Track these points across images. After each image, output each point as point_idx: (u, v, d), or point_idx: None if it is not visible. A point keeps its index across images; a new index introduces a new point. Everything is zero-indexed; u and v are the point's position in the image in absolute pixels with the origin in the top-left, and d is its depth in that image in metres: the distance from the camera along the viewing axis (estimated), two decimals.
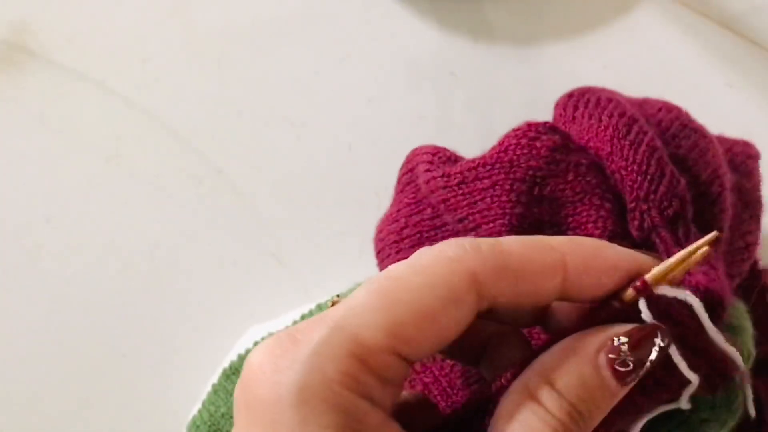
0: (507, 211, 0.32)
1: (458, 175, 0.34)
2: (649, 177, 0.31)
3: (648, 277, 0.24)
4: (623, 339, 0.23)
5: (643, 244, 0.31)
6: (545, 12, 0.49)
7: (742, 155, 0.36)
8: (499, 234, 0.32)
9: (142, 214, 0.47)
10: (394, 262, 0.34)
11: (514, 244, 0.23)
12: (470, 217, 0.33)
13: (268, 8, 0.50)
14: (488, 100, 0.48)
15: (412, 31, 0.49)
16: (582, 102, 0.34)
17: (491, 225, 0.32)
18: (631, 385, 0.23)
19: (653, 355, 0.23)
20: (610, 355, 0.23)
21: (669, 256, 0.28)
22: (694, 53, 0.48)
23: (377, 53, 0.49)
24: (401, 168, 0.39)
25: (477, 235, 0.33)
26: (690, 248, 0.24)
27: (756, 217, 0.36)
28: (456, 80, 0.48)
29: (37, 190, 0.47)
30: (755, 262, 0.39)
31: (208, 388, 0.39)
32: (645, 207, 0.31)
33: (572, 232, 0.32)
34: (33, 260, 0.46)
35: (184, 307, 0.45)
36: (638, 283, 0.24)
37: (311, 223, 0.46)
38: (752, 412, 0.28)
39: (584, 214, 0.32)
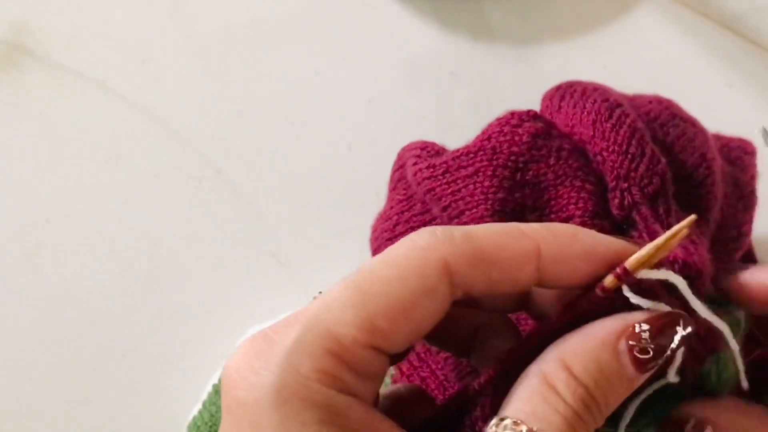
0: (489, 196, 0.32)
1: (443, 165, 0.34)
2: (629, 156, 0.31)
3: (627, 263, 0.24)
4: (645, 326, 0.23)
5: (624, 222, 0.31)
6: (545, 12, 0.49)
7: (738, 150, 0.37)
8: (482, 219, 0.32)
9: (141, 214, 0.47)
10: None
11: (487, 231, 0.23)
12: (453, 205, 0.33)
13: (268, 8, 0.50)
14: (488, 100, 0.48)
15: (412, 31, 0.49)
16: (568, 93, 0.34)
17: (474, 211, 0.32)
18: (650, 373, 0.23)
19: (675, 343, 0.23)
20: (630, 342, 0.23)
21: (649, 232, 0.29)
22: (694, 53, 0.48)
23: (377, 53, 0.49)
24: (393, 166, 0.39)
25: (460, 223, 0.33)
26: (669, 233, 0.24)
27: (750, 209, 0.36)
28: (456, 80, 0.48)
29: (37, 190, 0.47)
30: (755, 260, 0.40)
31: (209, 389, 0.39)
32: (625, 185, 0.31)
33: (554, 215, 0.32)
34: (33, 260, 0.46)
35: (184, 307, 0.45)
36: (618, 270, 0.24)
37: (311, 223, 0.46)
38: (744, 384, 0.28)
39: (565, 196, 0.32)
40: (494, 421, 0.22)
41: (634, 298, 0.24)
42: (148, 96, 0.49)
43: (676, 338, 0.23)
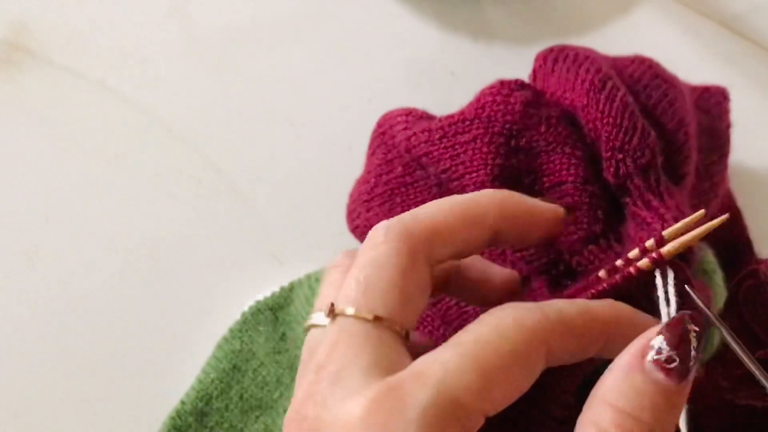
0: (488, 162, 0.35)
1: (439, 131, 0.37)
2: (623, 129, 0.34)
3: (664, 250, 0.26)
4: (660, 339, 0.24)
5: (618, 188, 0.34)
6: (545, 12, 0.49)
7: (714, 99, 0.39)
8: (483, 184, 0.35)
9: (141, 214, 0.47)
10: (364, 221, 0.38)
11: (573, 312, 0.25)
12: (453, 168, 0.36)
13: (268, 8, 0.50)
14: None
15: (412, 31, 0.49)
16: (561, 56, 0.37)
17: (474, 175, 0.35)
18: (691, 378, 0.24)
19: (694, 342, 0.24)
20: (654, 357, 0.24)
21: (644, 201, 0.33)
22: (694, 53, 0.48)
23: (377, 53, 0.49)
24: (373, 132, 0.41)
25: (460, 185, 0.36)
26: (701, 229, 0.26)
27: (724, 158, 0.39)
28: (456, 80, 0.48)
29: (37, 190, 0.47)
30: (753, 255, 0.40)
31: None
32: (620, 156, 0.33)
33: (546, 178, 0.35)
34: (32, 260, 0.46)
35: (184, 307, 0.45)
36: (655, 255, 0.26)
37: (311, 223, 0.46)
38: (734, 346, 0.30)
39: (557, 162, 0.35)
40: None
41: (660, 282, 0.27)
42: (147, 96, 0.49)
43: (693, 337, 0.24)
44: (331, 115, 0.48)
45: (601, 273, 0.30)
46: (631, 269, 0.27)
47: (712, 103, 0.39)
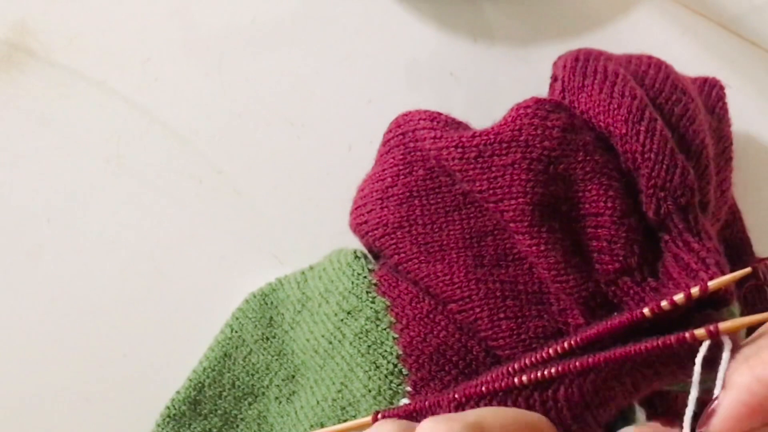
0: (528, 189, 0.35)
1: (473, 149, 0.36)
2: (665, 167, 0.33)
3: (723, 327, 0.28)
4: None
5: (657, 225, 0.34)
6: (545, 12, 0.49)
7: (715, 97, 0.39)
8: (523, 213, 0.35)
9: (142, 213, 0.47)
10: (375, 218, 0.39)
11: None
12: (491, 191, 0.36)
13: (268, 8, 0.50)
14: (488, 100, 0.48)
15: (412, 32, 0.49)
16: (590, 71, 0.36)
17: (513, 202, 0.35)
18: None
19: None
20: None
21: (683, 241, 0.33)
22: (694, 53, 0.48)
23: (377, 53, 0.49)
24: (388, 131, 0.41)
25: (498, 209, 0.35)
26: (762, 316, 0.28)
27: (729, 160, 0.39)
28: (456, 80, 0.48)
29: (37, 190, 0.47)
30: (752, 254, 0.40)
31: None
32: (662, 195, 0.33)
33: (583, 207, 0.35)
34: (33, 260, 0.46)
35: (184, 307, 0.45)
36: (712, 329, 0.28)
37: (311, 223, 0.46)
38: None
39: (594, 192, 0.34)
40: None
41: (701, 355, 0.28)
42: (148, 96, 0.49)
43: None
44: (331, 115, 0.48)
45: (646, 311, 0.31)
46: (688, 335, 0.28)
47: (714, 99, 0.39)
